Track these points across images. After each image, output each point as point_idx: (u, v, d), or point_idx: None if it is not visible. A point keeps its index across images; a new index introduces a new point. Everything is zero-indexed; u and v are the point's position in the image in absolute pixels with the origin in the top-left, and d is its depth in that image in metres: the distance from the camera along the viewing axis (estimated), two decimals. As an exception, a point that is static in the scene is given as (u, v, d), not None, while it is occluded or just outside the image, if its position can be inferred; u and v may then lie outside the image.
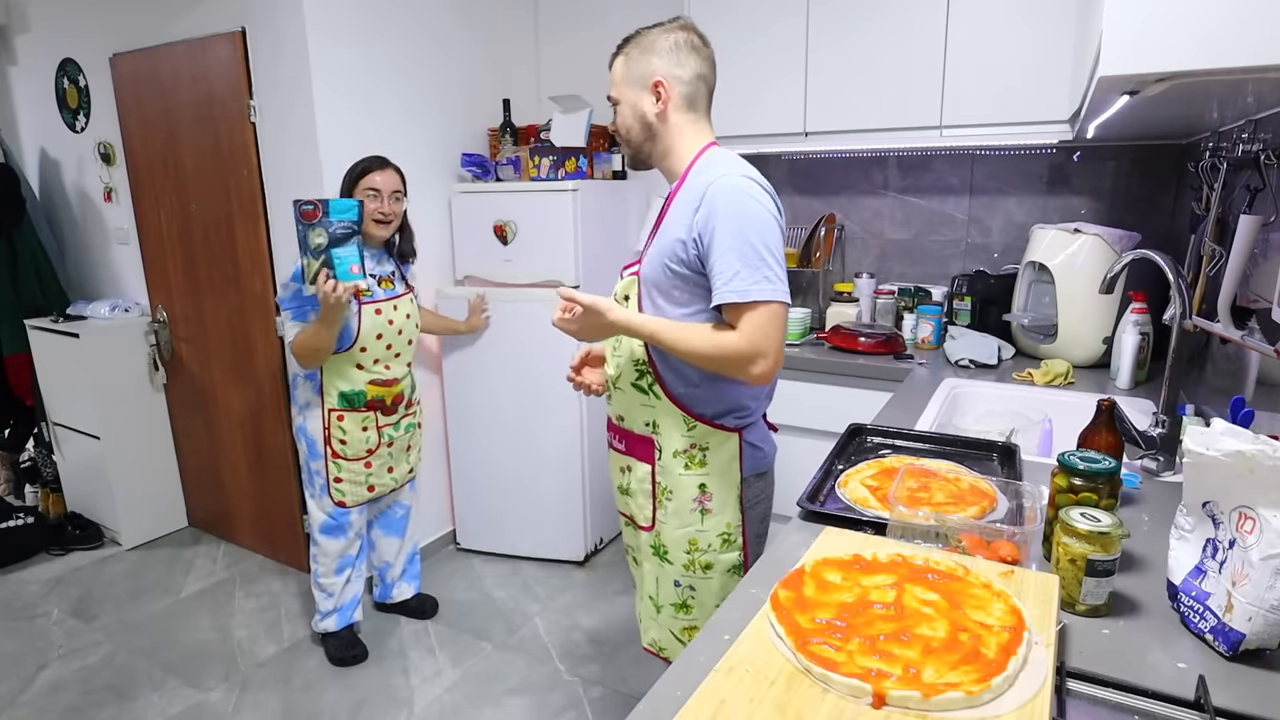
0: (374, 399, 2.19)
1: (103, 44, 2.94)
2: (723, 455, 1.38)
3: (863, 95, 2.30)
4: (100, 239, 3.35)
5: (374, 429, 2.23)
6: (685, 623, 1.47)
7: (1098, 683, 0.77)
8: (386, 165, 2.11)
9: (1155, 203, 2.31)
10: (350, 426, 2.19)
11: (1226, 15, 0.93)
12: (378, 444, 2.24)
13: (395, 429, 2.28)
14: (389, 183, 2.10)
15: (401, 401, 2.27)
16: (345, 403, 2.16)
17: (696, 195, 1.27)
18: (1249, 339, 1.32)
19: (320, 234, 1.83)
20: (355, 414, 2.18)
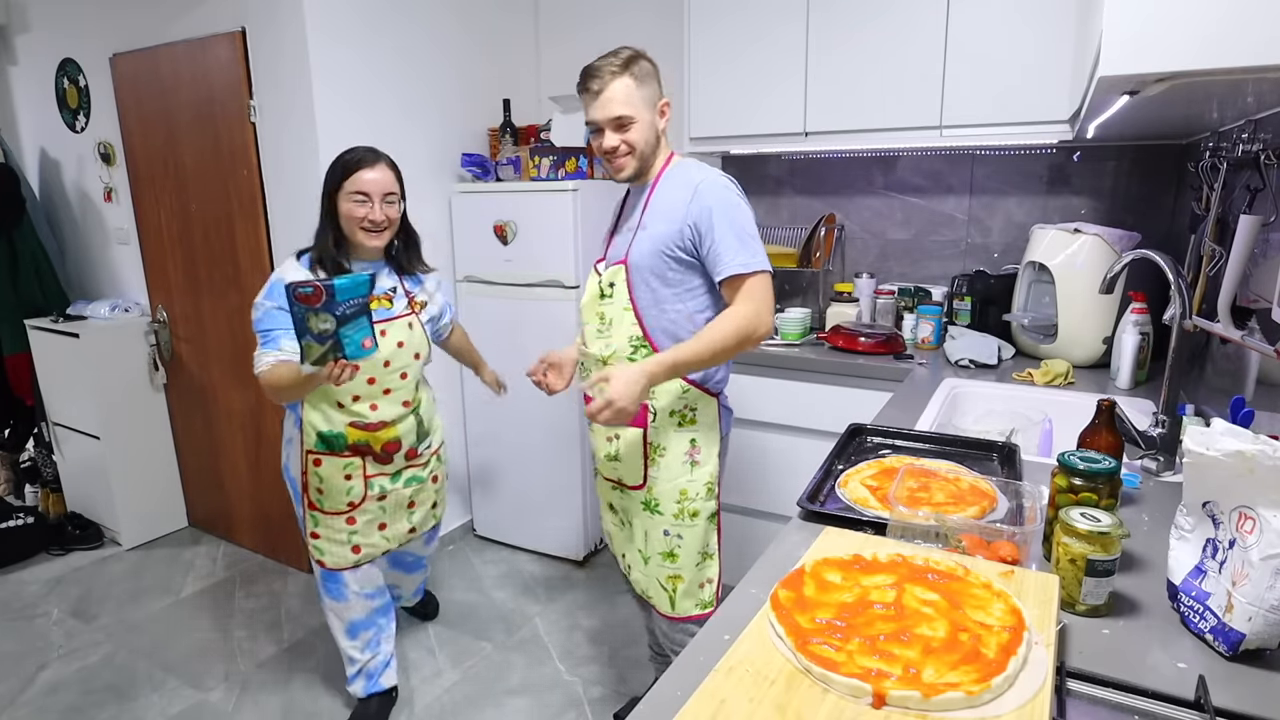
0: (357, 444, 1.78)
1: (103, 44, 2.94)
2: (709, 414, 1.64)
3: (863, 95, 2.29)
4: (100, 239, 3.35)
5: (359, 478, 1.81)
6: (670, 571, 1.68)
7: (1098, 683, 0.77)
8: (379, 159, 1.72)
9: (1155, 203, 2.31)
10: (329, 473, 1.79)
11: (1226, 15, 0.93)
12: (363, 497, 1.83)
13: (392, 481, 1.87)
14: (381, 183, 1.71)
15: (398, 450, 1.85)
16: (323, 444, 1.77)
17: (685, 193, 1.52)
18: (1249, 339, 1.32)
19: (325, 319, 1.46)
20: (335, 458, 1.79)
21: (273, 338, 1.64)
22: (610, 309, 1.60)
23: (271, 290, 1.66)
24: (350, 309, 1.48)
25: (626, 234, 1.61)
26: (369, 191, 1.69)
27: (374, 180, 1.70)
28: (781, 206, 2.89)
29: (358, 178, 1.68)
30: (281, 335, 1.63)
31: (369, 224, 1.71)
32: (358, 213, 1.69)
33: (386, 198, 1.72)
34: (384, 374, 1.78)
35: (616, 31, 3.01)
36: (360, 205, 1.69)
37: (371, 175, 1.69)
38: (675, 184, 1.55)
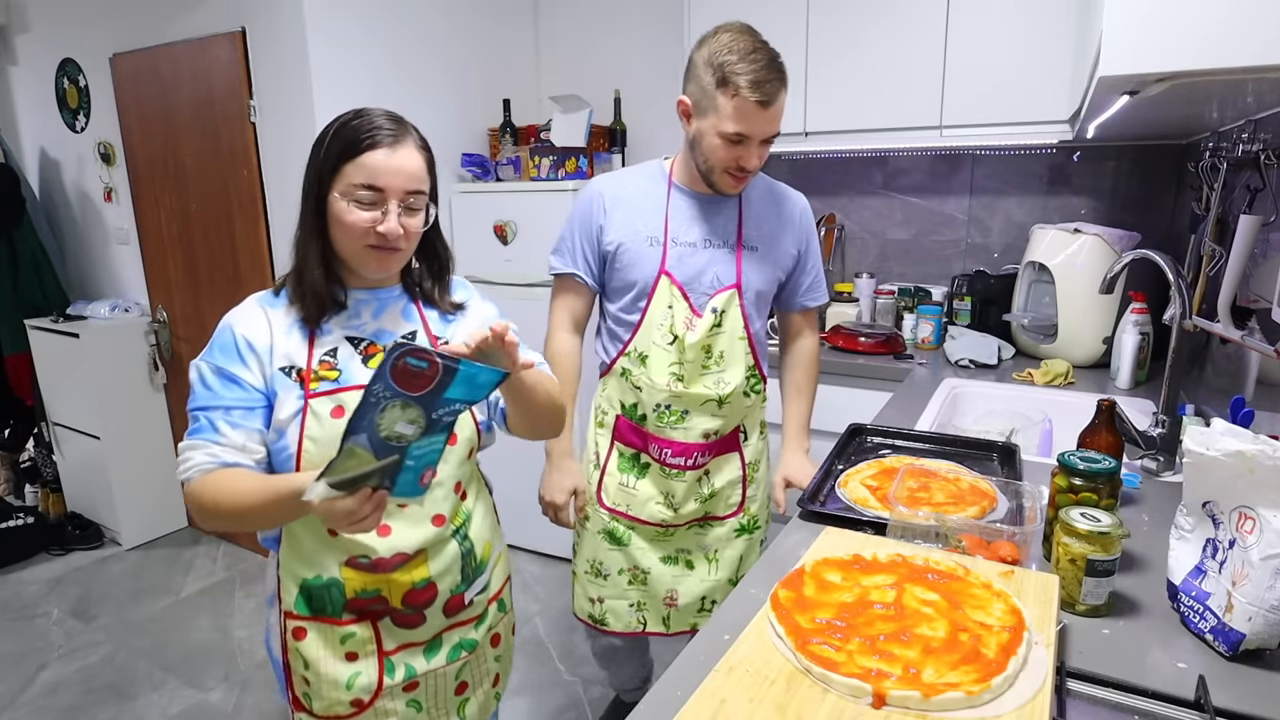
0: (362, 598, 1.07)
1: (103, 44, 2.94)
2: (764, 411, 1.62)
3: (863, 95, 2.29)
4: (100, 239, 3.35)
5: (369, 659, 1.09)
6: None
7: (1098, 683, 0.77)
8: (402, 134, 1.02)
9: (1155, 203, 2.31)
10: (318, 654, 1.08)
11: (1226, 16, 0.93)
12: (376, 691, 1.10)
13: (427, 656, 1.14)
14: (404, 173, 1.01)
15: (430, 601, 1.11)
16: (307, 604, 1.08)
17: (789, 209, 1.49)
18: (1249, 339, 1.32)
19: (413, 417, 0.84)
20: (327, 626, 1.08)
21: (209, 419, 0.98)
22: (721, 341, 1.43)
23: (219, 342, 1.02)
24: (452, 413, 0.87)
25: (717, 251, 1.42)
26: (383, 185, 0.98)
27: (393, 168, 0.99)
28: (781, 206, 2.88)
29: (367, 162, 0.98)
30: (228, 416, 0.98)
31: (378, 239, 1.00)
32: (361, 220, 0.99)
33: (410, 198, 1.01)
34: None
35: (616, 32, 3.01)
36: (366, 208, 0.99)
37: (390, 159, 0.99)
38: (767, 197, 1.47)
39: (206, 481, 0.96)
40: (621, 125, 2.90)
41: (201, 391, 1.01)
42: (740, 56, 1.28)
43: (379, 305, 1.10)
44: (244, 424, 1.00)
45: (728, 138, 1.30)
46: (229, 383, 1.00)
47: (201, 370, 1.02)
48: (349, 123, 1.01)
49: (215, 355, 1.02)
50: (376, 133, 0.99)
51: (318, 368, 1.03)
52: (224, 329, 1.04)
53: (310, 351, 1.03)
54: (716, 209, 1.44)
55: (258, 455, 1.01)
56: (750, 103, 1.27)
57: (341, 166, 0.99)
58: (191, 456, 0.98)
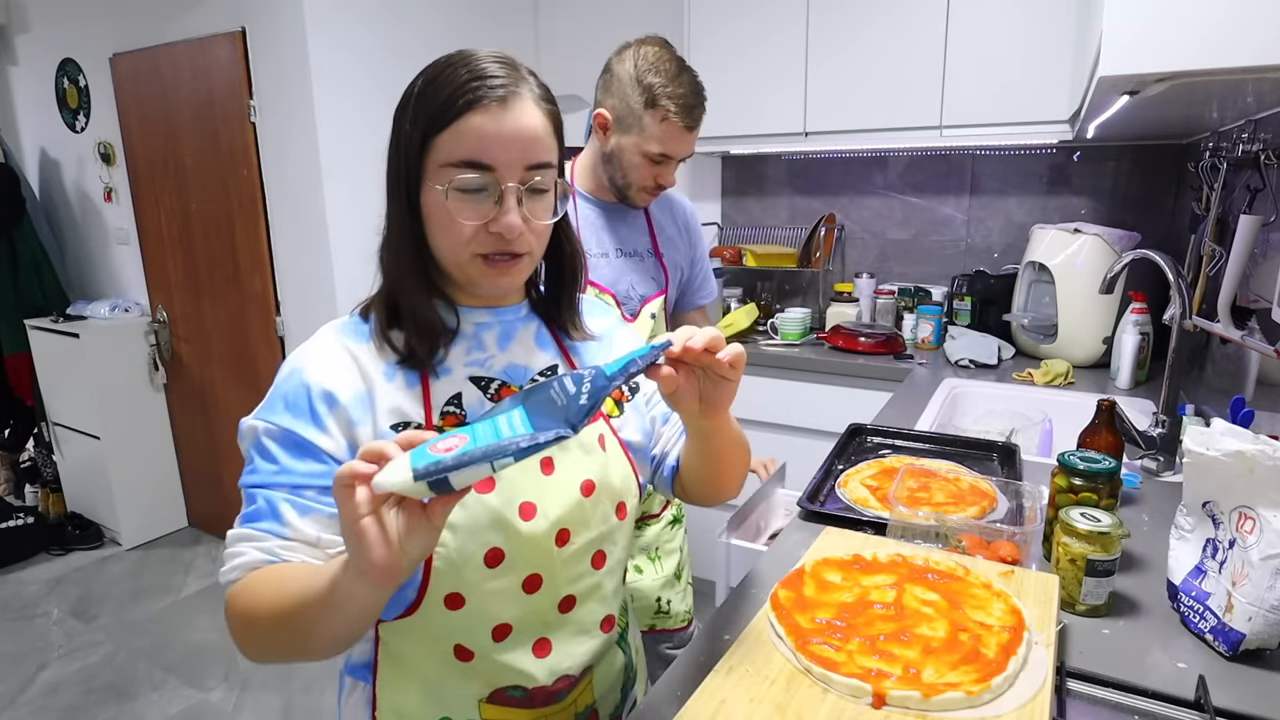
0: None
1: (103, 44, 2.94)
2: None
3: (863, 95, 2.29)
4: (100, 239, 3.35)
5: None
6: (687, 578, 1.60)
7: (1098, 683, 0.77)
8: (516, 83, 0.70)
9: (1155, 203, 2.31)
10: None
11: (1226, 16, 0.93)
12: None
13: None
14: (522, 136, 0.70)
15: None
16: None
17: (679, 213, 1.51)
18: (1249, 339, 1.32)
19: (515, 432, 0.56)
20: None
21: (270, 501, 0.69)
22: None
23: (285, 393, 0.72)
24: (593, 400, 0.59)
25: (629, 260, 1.44)
26: (493, 161, 0.69)
27: (507, 134, 0.69)
28: (781, 206, 2.88)
29: (466, 130, 0.68)
30: (296, 497, 0.70)
31: (493, 242, 0.71)
32: (466, 218, 0.70)
33: (533, 176, 0.71)
34: (556, 564, 0.77)
35: (617, 32, 3.00)
36: (471, 198, 0.70)
37: (500, 121, 0.69)
38: (662, 203, 1.50)
39: (248, 582, 0.67)
40: (621, 125, 2.90)
41: (260, 463, 0.70)
42: (669, 79, 1.28)
43: (504, 330, 0.80)
44: (318, 507, 0.69)
45: (651, 157, 1.32)
46: (299, 452, 0.70)
47: (259, 433, 0.71)
48: (437, 76, 0.70)
49: (279, 413, 0.71)
50: (478, 85, 0.68)
51: (442, 422, 0.74)
52: (291, 375, 0.72)
53: (426, 400, 0.74)
54: (622, 218, 1.44)
55: (334, 551, 0.69)
56: (678, 126, 1.29)
57: (432, 141, 0.69)
58: (242, 552, 0.68)
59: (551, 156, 0.73)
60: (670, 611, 1.55)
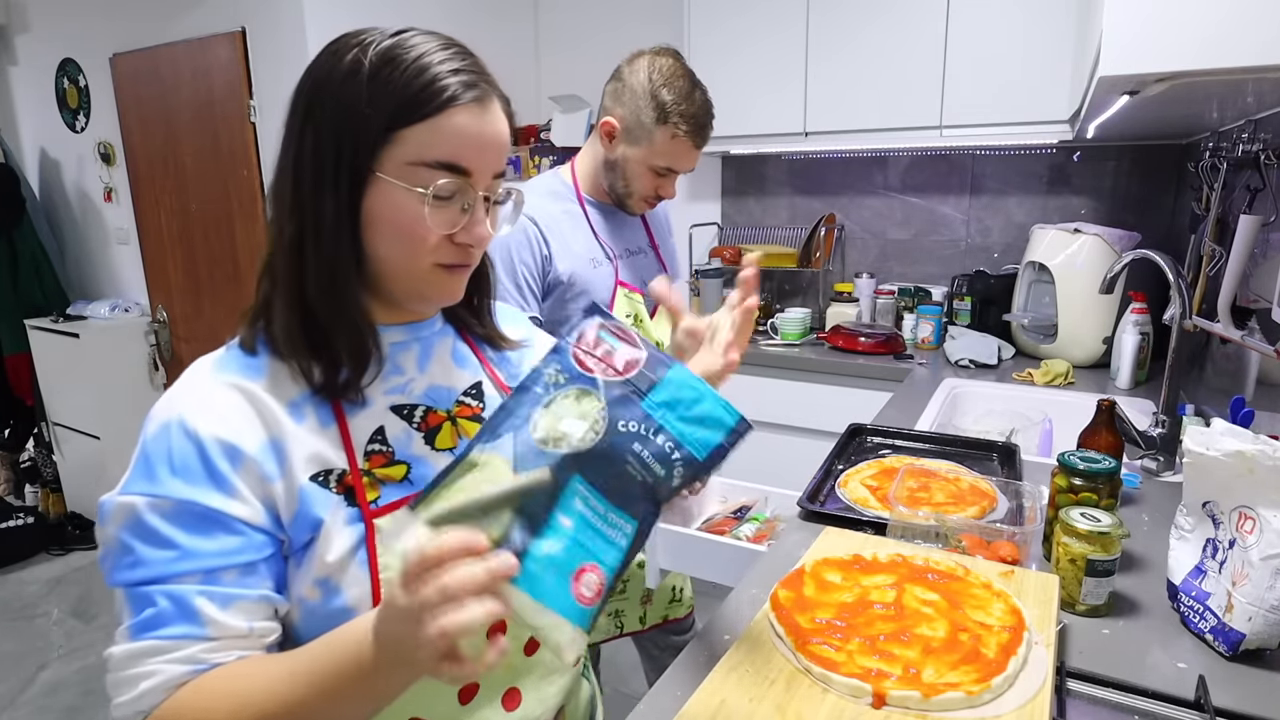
0: None
1: (103, 44, 2.94)
2: None
3: (863, 95, 2.29)
4: (100, 239, 3.35)
5: None
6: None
7: (1098, 683, 0.77)
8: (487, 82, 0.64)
9: (1155, 203, 2.31)
10: None
11: (1226, 16, 0.93)
12: None
13: None
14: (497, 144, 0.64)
15: None
16: None
17: (663, 206, 1.50)
18: (1249, 339, 1.32)
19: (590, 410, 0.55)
20: None
21: (175, 599, 0.55)
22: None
23: (168, 455, 0.58)
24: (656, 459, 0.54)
25: (635, 259, 1.48)
26: (471, 166, 0.62)
27: (486, 138, 0.63)
28: (781, 206, 2.88)
29: (448, 128, 0.61)
30: (212, 587, 0.56)
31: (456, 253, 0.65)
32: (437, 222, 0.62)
33: (495, 186, 0.66)
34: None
35: (616, 32, 3.01)
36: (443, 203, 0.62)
37: (481, 124, 0.62)
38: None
39: (176, 707, 0.54)
40: (621, 125, 2.90)
41: (147, 551, 0.56)
42: (682, 96, 1.28)
43: (422, 348, 0.71)
44: (243, 593, 0.57)
45: (656, 170, 1.33)
46: (204, 527, 0.56)
47: (138, 513, 0.56)
48: (396, 57, 0.60)
49: (164, 481, 0.56)
50: (455, 80, 0.60)
51: (369, 464, 0.63)
52: (171, 431, 0.58)
53: (346, 440, 0.63)
54: (622, 220, 1.47)
55: (271, 638, 0.59)
56: (688, 144, 1.31)
57: (398, 133, 0.59)
58: (152, 671, 0.54)
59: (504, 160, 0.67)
60: (682, 599, 1.59)
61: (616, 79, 1.35)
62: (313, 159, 0.62)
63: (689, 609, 1.62)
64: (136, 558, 0.56)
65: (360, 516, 0.61)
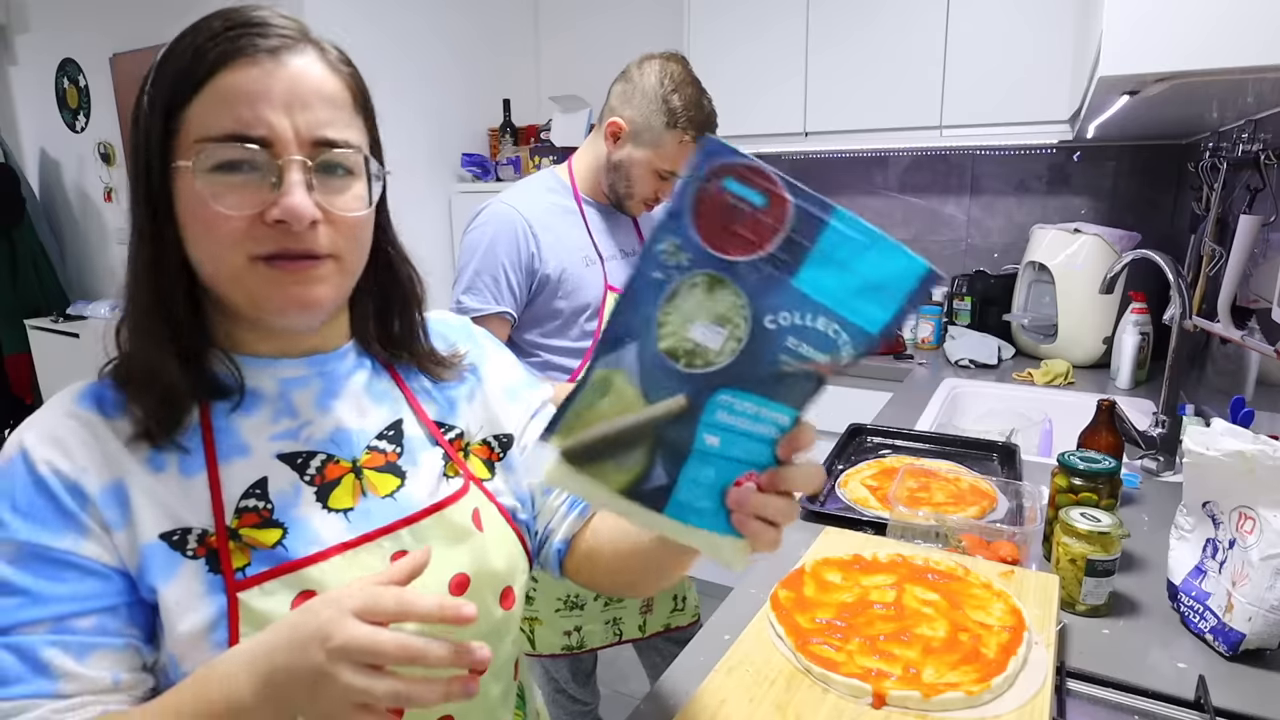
0: None
1: (103, 44, 2.94)
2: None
3: (863, 95, 2.29)
4: (100, 239, 3.35)
5: None
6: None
7: (1098, 683, 0.77)
8: (289, 36, 0.54)
9: (1155, 203, 2.31)
10: None
11: (1226, 15, 0.93)
12: None
13: None
14: (300, 94, 0.52)
15: None
16: None
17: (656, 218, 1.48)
18: (1249, 339, 1.32)
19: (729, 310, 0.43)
20: None
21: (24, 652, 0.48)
22: None
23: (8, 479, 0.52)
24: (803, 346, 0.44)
25: (629, 260, 1.48)
26: (262, 124, 0.51)
27: (281, 91, 0.52)
28: (781, 206, 2.88)
29: (224, 87, 0.51)
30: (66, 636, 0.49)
31: (273, 238, 0.52)
32: (232, 204, 0.51)
33: (324, 150, 0.54)
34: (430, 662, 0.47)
35: (616, 32, 3.01)
36: (238, 180, 0.52)
37: (269, 76, 0.52)
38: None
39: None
40: (621, 125, 2.90)
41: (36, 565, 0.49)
42: (691, 102, 1.31)
43: (326, 386, 0.61)
44: (105, 640, 0.50)
45: (660, 173, 1.35)
46: (54, 571, 0.50)
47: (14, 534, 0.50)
48: (184, 35, 0.53)
49: (6, 522, 0.50)
50: (237, 34, 0.51)
51: (236, 523, 0.54)
52: (15, 463, 0.52)
53: (216, 495, 0.54)
54: (617, 220, 1.46)
55: (141, 690, 0.52)
56: (693, 148, 1.33)
57: (178, 116, 0.52)
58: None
59: (355, 134, 0.56)
60: (685, 607, 1.56)
61: (625, 80, 1.35)
62: (129, 173, 0.55)
63: (693, 618, 1.57)
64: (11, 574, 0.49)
65: (223, 586, 0.52)
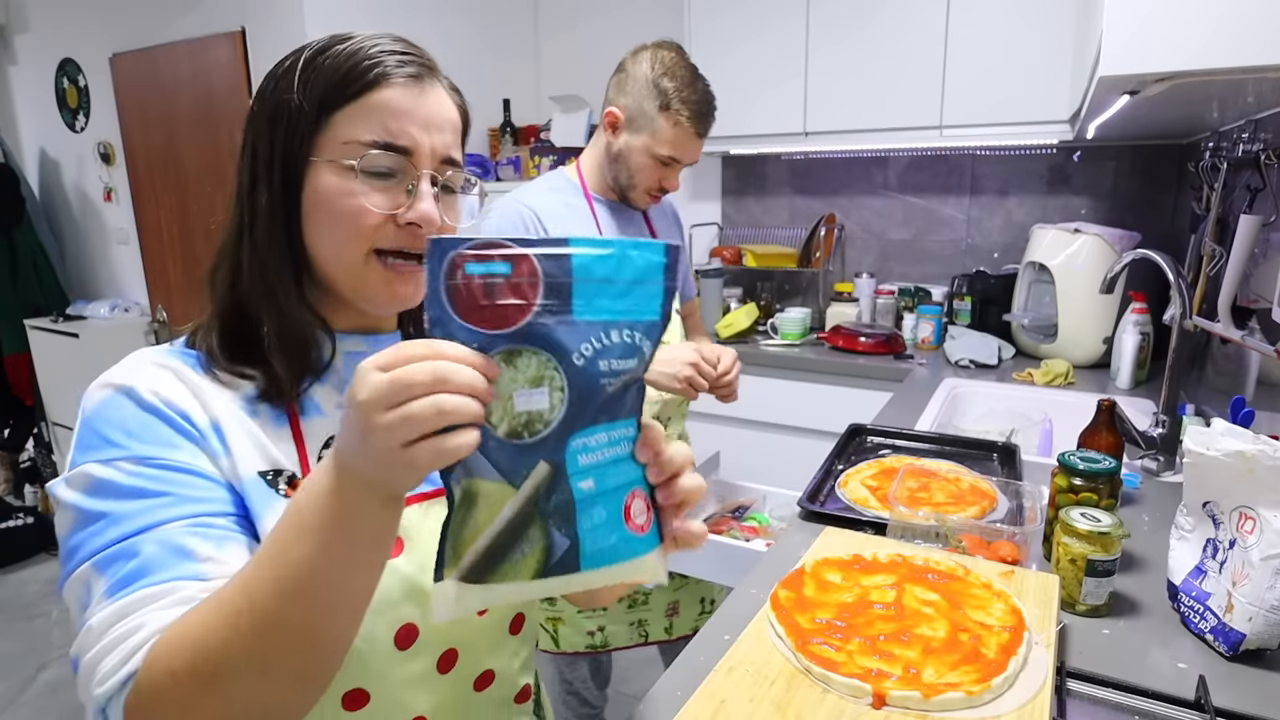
0: None
1: (103, 44, 2.94)
2: None
3: (863, 95, 2.29)
4: (100, 239, 3.35)
5: None
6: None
7: (1098, 683, 0.77)
8: (430, 67, 0.64)
9: (1155, 203, 2.31)
10: None
11: (1226, 15, 0.93)
12: None
13: None
14: (437, 121, 0.61)
15: None
16: None
17: (668, 209, 1.56)
18: (1249, 339, 1.32)
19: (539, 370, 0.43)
20: None
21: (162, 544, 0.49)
22: (674, 342, 1.44)
23: (117, 420, 0.53)
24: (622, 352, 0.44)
25: None
26: (409, 143, 0.60)
27: (426, 115, 0.61)
28: (781, 206, 2.88)
29: (379, 104, 0.60)
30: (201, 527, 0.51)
31: (399, 237, 0.61)
32: (372, 203, 0.59)
33: (447, 170, 0.63)
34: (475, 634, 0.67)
35: (616, 32, 3.01)
36: (379, 183, 0.59)
37: (418, 100, 0.61)
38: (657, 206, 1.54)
39: (161, 644, 0.45)
40: (621, 125, 2.90)
41: (119, 506, 0.50)
42: (684, 84, 1.31)
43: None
44: (236, 535, 0.53)
45: (659, 159, 1.34)
46: (179, 476, 0.52)
47: (98, 477, 0.51)
48: (329, 46, 0.61)
49: (124, 444, 0.52)
50: (387, 57, 0.60)
51: None
52: (118, 401, 0.54)
53: (300, 444, 0.60)
54: (629, 218, 1.46)
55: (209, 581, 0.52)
56: (690, 132, 1.32)
57: (330, 117, 0.58)
58: (137, 625, 0.46)
59: (461, 156, 0.64)
60: (712, 610, 1.55)
61: (620, 71, 1.36)
62: (251, 158, 0.60)
63: None
64: (111, 517, 0.49)
65: None
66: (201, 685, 0.43)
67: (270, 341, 0.60)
